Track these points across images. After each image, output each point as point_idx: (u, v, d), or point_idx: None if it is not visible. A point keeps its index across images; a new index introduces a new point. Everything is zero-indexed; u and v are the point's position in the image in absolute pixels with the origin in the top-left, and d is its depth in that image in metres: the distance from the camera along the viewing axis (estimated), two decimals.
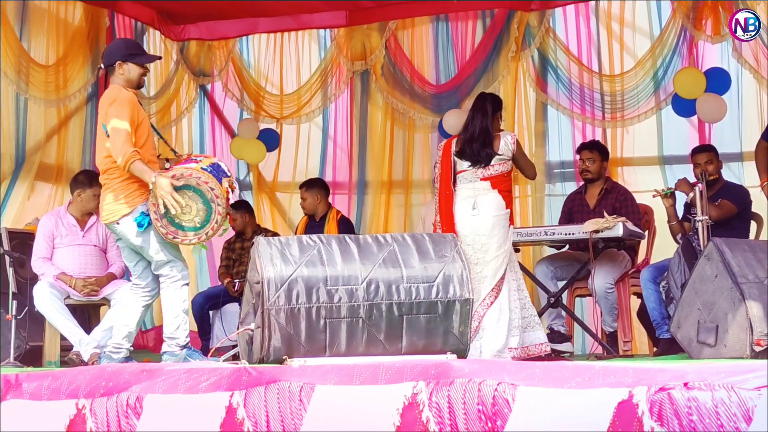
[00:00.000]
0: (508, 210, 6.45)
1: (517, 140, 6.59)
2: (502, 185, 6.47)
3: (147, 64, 5.78)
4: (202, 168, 5.48)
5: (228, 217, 5.54)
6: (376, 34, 9.63)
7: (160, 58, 6.35)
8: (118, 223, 5.57)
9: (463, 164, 6.51)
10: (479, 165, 6.44)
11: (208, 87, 10.23)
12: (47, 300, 6.53)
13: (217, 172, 5.52)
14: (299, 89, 9.93)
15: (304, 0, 9.33)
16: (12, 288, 6.65)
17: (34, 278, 6.81)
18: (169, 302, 5.63)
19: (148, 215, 5.45)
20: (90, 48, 9.07)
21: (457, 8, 9.32)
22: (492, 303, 6.28)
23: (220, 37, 10.02)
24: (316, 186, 8.51)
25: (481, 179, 6.44)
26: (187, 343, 5.65)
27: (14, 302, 6.50)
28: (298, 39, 10.04)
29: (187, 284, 5.65)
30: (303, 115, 9.91)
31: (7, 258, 6.74)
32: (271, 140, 9.95)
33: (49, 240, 6.85)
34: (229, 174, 5.62)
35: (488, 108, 6.54)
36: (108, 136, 5.49)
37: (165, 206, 5.31)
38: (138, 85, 5.72)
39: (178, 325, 5.60)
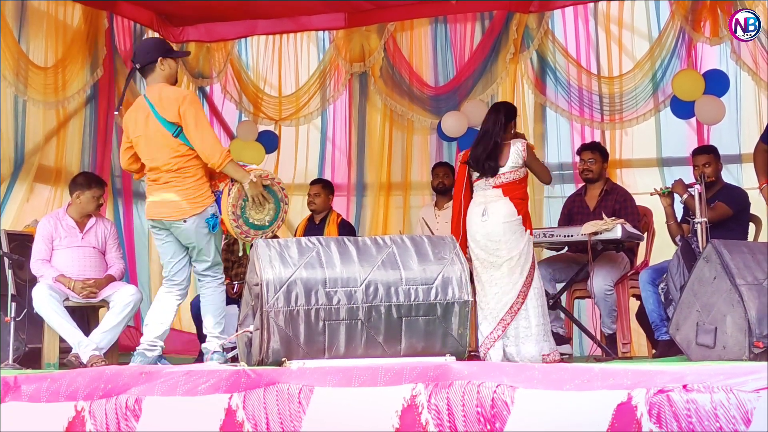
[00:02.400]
0: (520, 217, 6.45)
1: (527, 145, 6.57)
2: (514, 192, 6.49)
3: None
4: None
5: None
6: (374, 35, 9.63)
7: (189, 53, 6.54)
8: (185, 221, 5.70)
9: (475, 174, 6.60)
10: (487, 176, 6.50)
11: (207, 89, 10.24)
12: (46, 302, 6.52)
13: None
14: (297, 91, 9.93)
15: (302, 1, 9.33)
16: (11, 290, 6.66)
17: (33, 280, 6.80)
18: (215, 302, 5.87)
19: (218, 217, 5.65)
20: (89, 50, 9.07)
21: (455, 10, 9.32)
22: (519, 310, 6.32)
23: (218, 39, 10.03)
24: (328, 186, 8.59)
25: (493, 187, 6.49)
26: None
27: (13, 304, 6.50)
28: (297, 41, 10.04)
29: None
30: (301, 116, 9.91)
31: (6, 260, 6.73)
32: (269, 142, 9.95)
33: (48, 242, 6.84)
34: None
35: (500, 119, 6.57)
36: (176, 136, 5.64)
37: (244, 206, 5.56)
38: (176, 81, 5.93)
39: (224, 325, 5.88)
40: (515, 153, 6.49)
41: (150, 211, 5.85)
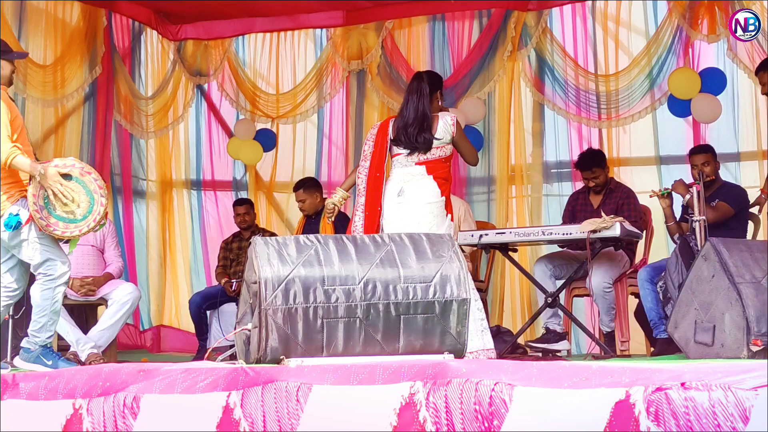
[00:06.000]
0: (444, 198, 6.06)
1: (457, 121, 6.16)
2: (439, 171, 6.08)
3: (16, 62, 5.68)
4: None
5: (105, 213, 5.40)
6: (372, 33, 9.62)
7: (27, 54, 6.32)
8: None
9: (399, 149, 6.16)
10: (417, 151, 6.07)
11: (205, 87, 10.23)
12: None
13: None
14: (295, 88, 9.92)
15: (300, 0, 9.34)
16: None
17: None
18: (38, 299, 5.43)
19: (18, 215, 5.31)
20: (87, 48, 9.08)
21: (453, 8, 9.31)
22: None
23: (216, 37, 10.02)
24: (312, 186, 8.51)
25: (416, 164, 6.08)
26: (47, 344, 5.44)
27: None
28: (295, 38, 10.04)
29: (65, 284, 5.44)
30: (298, 114, 9.89)
31: None
32: (267, 141, 9.94)
33: None
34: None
35: (425, 88, 6.11)
36: None
37: (47, 197, 5.18)
38: (9, 82, 5.57)
39: (43, 324, 5.41)
40: (443, 127, 6.07)
41: None
